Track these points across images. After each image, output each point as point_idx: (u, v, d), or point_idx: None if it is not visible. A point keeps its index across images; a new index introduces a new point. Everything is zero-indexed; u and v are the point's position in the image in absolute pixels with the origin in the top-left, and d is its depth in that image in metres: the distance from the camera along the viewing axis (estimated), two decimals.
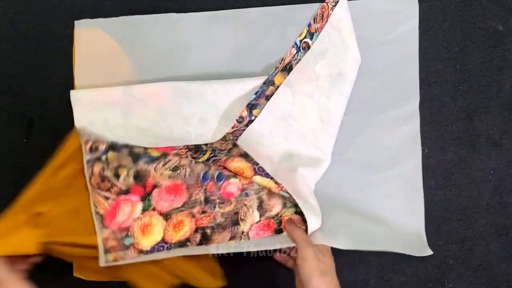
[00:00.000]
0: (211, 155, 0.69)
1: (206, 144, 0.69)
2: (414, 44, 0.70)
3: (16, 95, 0.72)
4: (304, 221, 0.66)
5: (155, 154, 0.68)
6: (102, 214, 0.67)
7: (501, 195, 0.71)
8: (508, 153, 0.71)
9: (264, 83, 0.69)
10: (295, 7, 0.71)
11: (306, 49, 0.70)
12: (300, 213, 0.68)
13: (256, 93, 0.69)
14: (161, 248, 0.68)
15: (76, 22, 0.71)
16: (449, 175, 0.71)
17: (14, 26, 0.72)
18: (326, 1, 0.70)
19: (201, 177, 0.69)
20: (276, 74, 0.70)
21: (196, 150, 0.69)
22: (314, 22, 0.70)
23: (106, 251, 0.66)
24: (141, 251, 0.67)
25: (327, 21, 0.70)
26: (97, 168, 0.67)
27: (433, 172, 0.71)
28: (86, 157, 0.67)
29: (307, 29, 0.70)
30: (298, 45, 0.70)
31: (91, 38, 0.71)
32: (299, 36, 0.70)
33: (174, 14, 0.71)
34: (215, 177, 0.69)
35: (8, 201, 0.73)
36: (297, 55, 0.70)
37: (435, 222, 0.71)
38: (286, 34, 0.71)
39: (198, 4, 0.71)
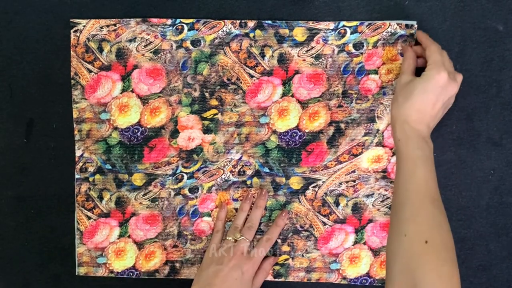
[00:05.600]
0: (202, 166, 0.71)
1: (198, 155, 0.71)
2: None
3: (16, 95, 0.72)
4: None
5: (138, 183, 0.72)
6: (82, 231, 0.72)
7: (501, 195, 0.71)
8: (508, 153, 0.71)
9: None
10: None
11: (339, 36, 0.70)
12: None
13: None
14: (131, 274, 0.73)
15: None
16: (449, 175, 0.71)
17: (14, 26, 0.72)
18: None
19: (177, 211, 0.72)
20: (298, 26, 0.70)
21: (187, 159, 0.71)
22: (369, 31, 0.70)
23: (79, 264, 0.72)
24: (112, 271, 0.73)
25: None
26: (84, 187, 0.72)
27: None
28: (76, 176, 0.72)
29: (356, 26, 0.70)
30: (338, 27, 0.70)
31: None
32: (348, 22, 0.70)
33: None
34: (190, 213, 0.72)
35: (8, 201, 0.73)
36: (328, 33, 0.70)
37: None
38: None
39: (199, 3, 0.71)
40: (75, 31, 0.70)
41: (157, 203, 0.72)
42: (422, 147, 0.61)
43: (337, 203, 0.71)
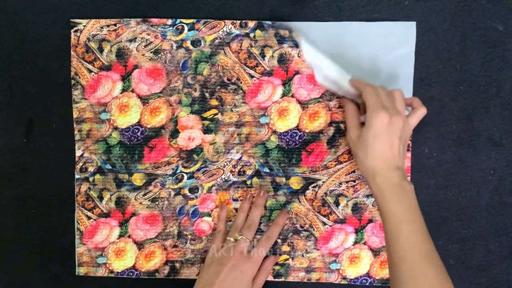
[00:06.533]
0: (202, 166, 0.71)
1: (198, 154, 0.71)
2: (409, 67, 0.70)
3: (16, 95, 0.72)
4: None
5: (138, 183, 0.72)
6: (82, 231, 0.72)
7: (501, 195, 0.71)
8: (508, 153, 0.71)
9: None
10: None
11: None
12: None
13: None
14: (131, 274, 0.73)
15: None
16: (449, 175, 0.71)
17: (14, 26, 0.72)
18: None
19: (177, 211, 0.72)
20: None
21: (187, 159, 0.71)
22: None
23: (79, 264, 0.73)
24: (112, 271, 0.73)
25: None
26: (84, 187, 0.72)
27: (433, 172, 0.71)
28: (76, 176, 0.72)
29: None
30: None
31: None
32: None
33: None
34: (190, 213, 0.72)
35: (8, 201, 0.73)
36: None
37: (435, 222, 0.71)
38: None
39: (199, 3, 0.71)
40: (75, 31, 0.70)
41: (157, 203, 0.72)
42: (399, 197, 0.60)
43: (337, 203, 0.71)
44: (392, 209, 0.59)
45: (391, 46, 0.70)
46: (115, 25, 0.70)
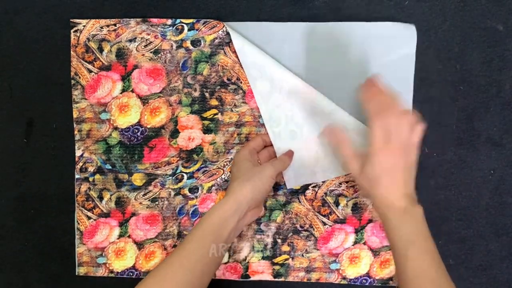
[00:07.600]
0: (202, 166, 0.71)
1: (198, 154, 0.71)
2: (410, 68, 0.70)
3: (16, 95, 0.72)
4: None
5: (138, 183, 0.72)
6: (82, 231, 0.72)
7: (501, 195, 0.71)
8: (508, 153, 0.71)
9: None
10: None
11: None
12: (267, 257, 0.72)
13: None
14: (131, 274, 0.73)
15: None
16: (449, 175, 0.71)
17: (14, 26, 0.72)
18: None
19: (177, 211, 0.72)
20: None
21: (187, 159, 0.72)
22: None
23: (79, 264, 0.73)
24: (112, 271, 0.73)
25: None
26: (84, 187, 0.72)
27: (433, 172, 0.71)
28: (76, 176, 0.72)
29: None
30: None
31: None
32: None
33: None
34: (190, 213, 0.72)
35: (8, 201, 0.73)
36: None
37: (435, 222, 0.71)
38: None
39: (199, 3, 0.71)
40: (75, 31, 0.70)
41: (157, 203, 0.72)
42: (406, 223, 0.58)
43: (337, 203, 0.71)
44: (398, 235, 0.58)
45: (391, 47, 0.70)
46: (115, 25, 0.70)
